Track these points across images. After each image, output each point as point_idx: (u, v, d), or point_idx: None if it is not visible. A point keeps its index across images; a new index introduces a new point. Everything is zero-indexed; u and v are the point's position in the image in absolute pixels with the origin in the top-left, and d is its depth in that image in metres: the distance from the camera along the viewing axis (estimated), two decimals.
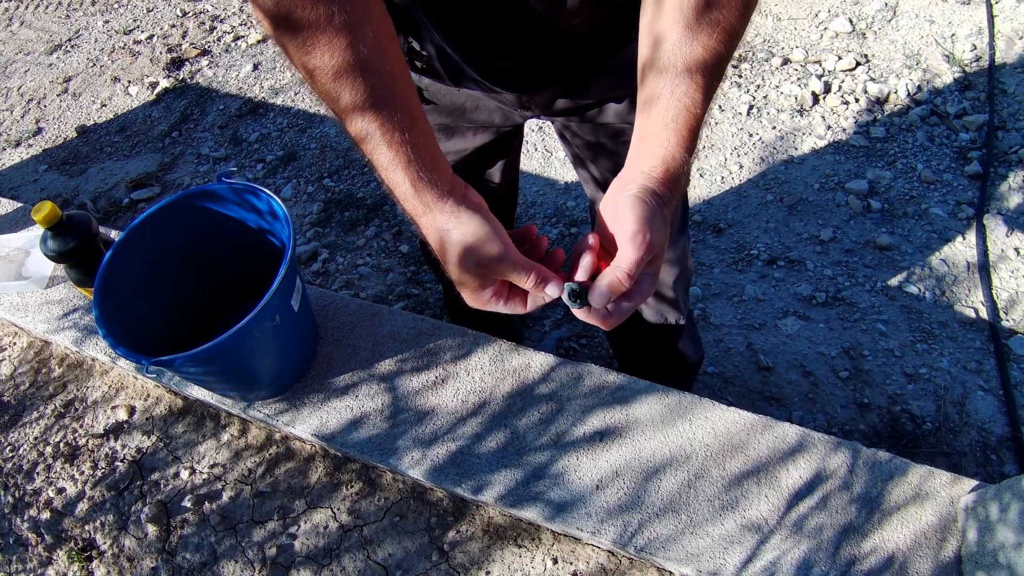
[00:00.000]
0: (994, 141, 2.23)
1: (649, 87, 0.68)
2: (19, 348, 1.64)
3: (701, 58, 0.64)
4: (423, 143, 0.67)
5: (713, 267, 2.09)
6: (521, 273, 0.68)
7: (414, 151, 0.66)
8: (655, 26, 0.66)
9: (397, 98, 0.65)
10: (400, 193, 0.68)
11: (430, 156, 0.68)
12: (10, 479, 1.44)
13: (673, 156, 0.67)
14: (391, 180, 0.68)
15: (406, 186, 0.67)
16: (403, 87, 0.66)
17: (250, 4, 0.64)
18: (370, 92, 0.63)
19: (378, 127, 0.65)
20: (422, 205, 0.68)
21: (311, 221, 2.40)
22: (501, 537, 1.21)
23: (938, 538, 1.01)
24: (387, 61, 0.64)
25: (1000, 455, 1.63)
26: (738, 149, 2.36)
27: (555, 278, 0.68)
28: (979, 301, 1.90)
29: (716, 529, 1.05)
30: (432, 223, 0.68)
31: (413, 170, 0.66)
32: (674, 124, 0.66)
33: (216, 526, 1.30)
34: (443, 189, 0.68)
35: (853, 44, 2.60)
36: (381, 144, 0.66)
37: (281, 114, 2.82)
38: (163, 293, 1.26)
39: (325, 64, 0.62)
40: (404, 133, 0.65)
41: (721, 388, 1.83)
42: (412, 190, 0.67)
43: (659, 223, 0.66)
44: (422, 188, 0.67)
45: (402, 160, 0.66)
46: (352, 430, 1.22)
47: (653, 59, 0.67)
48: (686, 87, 0.65)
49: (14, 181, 2.76)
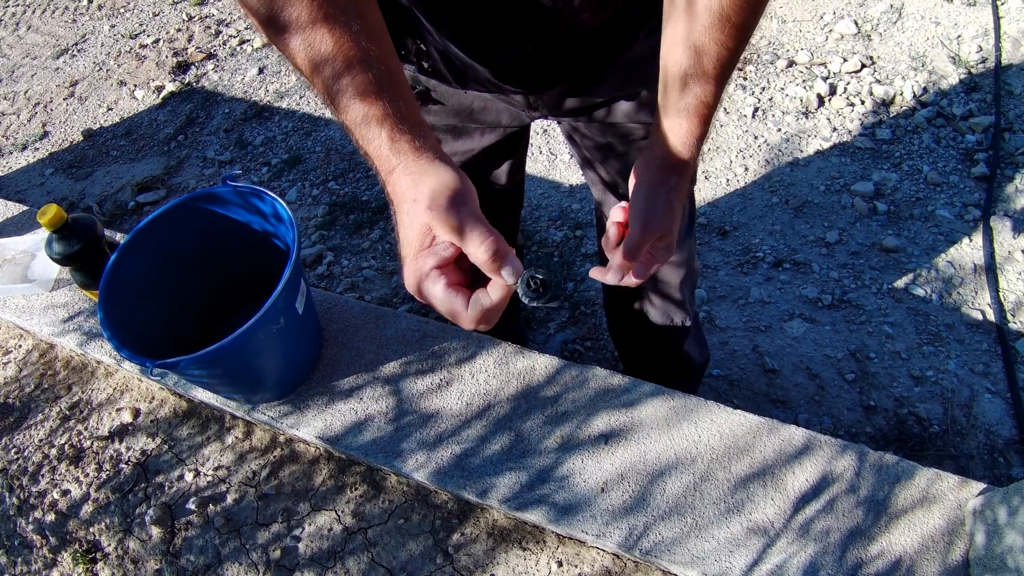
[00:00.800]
0: (1000, 143, 2.22)
1: (664, 79, 0.72)
2: (24, 350, 1.65)
3: (714, 53, 0.66)
4: (405, 103, 0.61)
5: (718, 269, 2.08)
6: (482, 231, 0.57)
7: (393, 107, 0.60)
8: (669, 25, 0.69)
9: (374, 56, 0.61)
10: (374, 149, 0.61)
11: (412, 116, 0.62)
12: (15, 481, 1.44)
13: (683, 142, 0.73)
14: (364, 137, 0.61)
15: (381, 138, 0.60)
16: (383, 45, 0.62)
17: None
18: (346, 45, 0.59)
19: (351, 81, 0.60)
20: (395, 156, 0.61)
21: (316, 224, 2.40)
22: (506, 540, 1.21)
23: (946, 542, 1.01)
24: (365, 20, 0.61)
25: (1008, 458, 1.62)
26: (743, 151, 2.36)
27: (515, 260, 0.58)
28: (986, 303, 1.89)
29: (722, 532, 1.04)
30: (403, 173, 0.61)
31: (391, 122, 0.60)
32: (685, 112, 0.71)
33: (220, 528, 1.30)
34: (424, 143, 0.61)
35: (858, 46, 2.60)
36: (355, 99, 0.60)
37: (286, 117, 2.82)
38: (168, 296, 1.27)
39: (299, 15, 0.59)
40: (382, 90, 0.60)
41: (727, 390, 1.82)
42: (388, 141, 0.60)
43: (660, 207, 0.76)
44: (399, 139, 0.60)
45: (378, 113, 0.60)
46: (356, 433, 1.22)
47: (671, 50, 0.70)
48: (698, 79, 0.68)
49: (21, 184, 2.77)
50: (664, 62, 0.72)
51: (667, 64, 0.71)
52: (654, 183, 0.78)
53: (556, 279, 2.11)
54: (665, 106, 0.74)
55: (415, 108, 0.63)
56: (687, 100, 0.70)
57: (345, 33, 0.59)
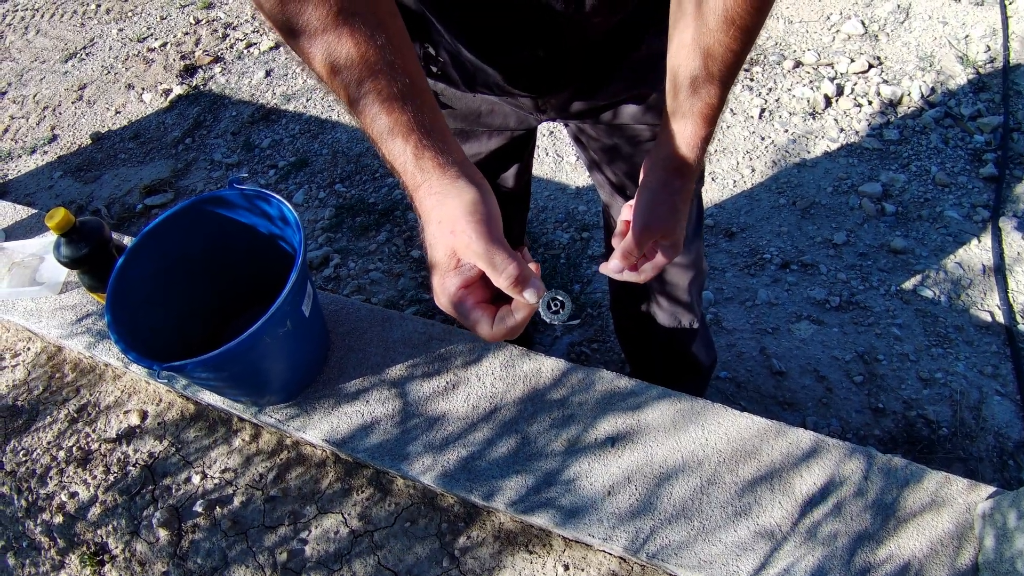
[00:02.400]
0: (1009, 143, 2.21)
1: (671, 83, 0.73)
2: (33, 353, 1.65)
3: (720, 56, 0.66)
4: (429, 115, 0.61)
5: (725, 271, 2.08)
6: (504, 258, 0.58)
7: (417, 118, 0.60)
8: (677, 30, 0.69)
9: (399, 67, 0.60)
10: (400, 164, 0.62)
11: (436, 127, 0.62)
12: (24, 483, 1.45)
13: (688, 144, 0.74)
14: (390, 151, 0.61)
15: (407, 155, 0.61)
16: (407, 57, 0.62)
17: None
18: (370, 55, 0.59)
19: (376, 94, 0.59)
20: (420, 174, 0.61)
21: (323, 226, 2.40)
22: (512, 543, 1.21)
23: (955, 546, 1.00)
24: (389, 31, 0.61)
25: (1017, 461, 1.61)
26: (750, 153, 2.35)
27: (536, 282, 0.60)
28: (995, 304, 1.88)
29: (729, 536, 1.04)
30: (428, 192, 0.61)
31: (416, 137, 0.60)
32: (691, 115, 0.72)
33: (227, 531, 1.31)
34: (448, 159, 0.61)
35: (865, 46, 2.59)
36: (379, 109, 0.60)
37: (293, 120, 2.83)
38: (175, 298, 1.27)
39: (317, 16, 0.58)
40: (407, 101, 0.60)
41: (734, 393, 1.81)
42: (412, 157, 0.61)
43: (663, 209, 0.78)
44: (423, 155, 0.61)
45: (403, 127, 0.60)
46: (363, 435, 1.22)
47: (678, 54, 0.71)
48: (704, 82, 0.69)
49: (30, 188, 2.79)
50: (671, 65, 0.72)
51: (674, 68, 0.71)
52: (658, 184, 0.79)
53: (575, 298, 2.11)
54: (672, 109, 0.74)
55: (439, 118, 0.63)
56: (693, 103, 0.71)
57: (366, 39, 0.59)
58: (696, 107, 0.71)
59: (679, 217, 0.79)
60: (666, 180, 0.78)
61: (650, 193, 0.79)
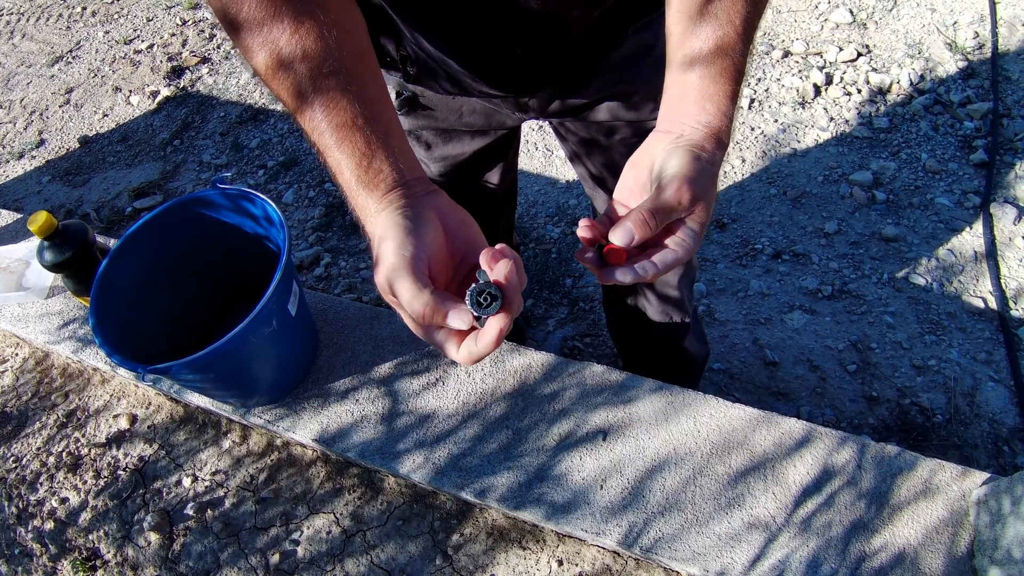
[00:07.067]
0: (999, 129, 2.20)
1: (688, 46, 0.63)
2: (20, 359, 1.64)
3: (742, 14, 0.61)
4: (382, 125, 0.57)
5: (717, 262, 2.07)
6: (416, 287, 0.53)
7: (365, 134, 0.57)
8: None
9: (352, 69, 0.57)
10: (344, 181, 0.58)
11: (388, 142, 0.58)
12: (14, 490, 1.44)
13: (723, 111, 0.62)
14: (334, 162, 0.58)
15: (349, 174, 0.57)
16: (365, 59, 0.59)
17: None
18: (318, 51, 0.56)
19: (323, 97, 0.56)
20: (360, 195, 0.58)
21: (313, 226, 2.39)
22: (505, 539, 1.20)
23: (949, 533, 0.99)
24: (343, 28, 0.57)
25: (1012, 446, 1.61)
26: (740, 143, 2.34)
27: (456, 305, 0.53)
28: (987, 290, 1.88)
29: (722, 527, 1.03)
30: (366, 217, 0.58)
31: (359, 154, 0.57)
32: (722, 79, 0.62)
33: (219, 533, 1.30)
34: (392, 178, 0.57)
35: (854, 35, 2.58)
36: (324, 120, 0.56)
37: (281, 120, 2.81)
38: (161, 300, 1.26)
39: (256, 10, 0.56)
40: (356, 107, 0.56)
41: (727, 384, 1.81)
42: (355, 180, 0.57)
43: (707, 179, 0.60)
44: (364, 177, 0.57)
45: (347, 140, 0.57)
46: (353, 434, 1.21)
47: (690, 14, 0.63)
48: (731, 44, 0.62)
49: (18, 193, 2.77)
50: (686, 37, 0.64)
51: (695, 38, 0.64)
52: (696, 149, 0.62)
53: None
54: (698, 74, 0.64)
55: (394, 130, 0.60)
56: (720, 62, 0.63)
57: (315, 35, 0.56)
58: (724, 67, 0.63)
59: (715, 192, 0.63)
60: (703, 147, 0.62)
61: (689, 157, 0.61)
